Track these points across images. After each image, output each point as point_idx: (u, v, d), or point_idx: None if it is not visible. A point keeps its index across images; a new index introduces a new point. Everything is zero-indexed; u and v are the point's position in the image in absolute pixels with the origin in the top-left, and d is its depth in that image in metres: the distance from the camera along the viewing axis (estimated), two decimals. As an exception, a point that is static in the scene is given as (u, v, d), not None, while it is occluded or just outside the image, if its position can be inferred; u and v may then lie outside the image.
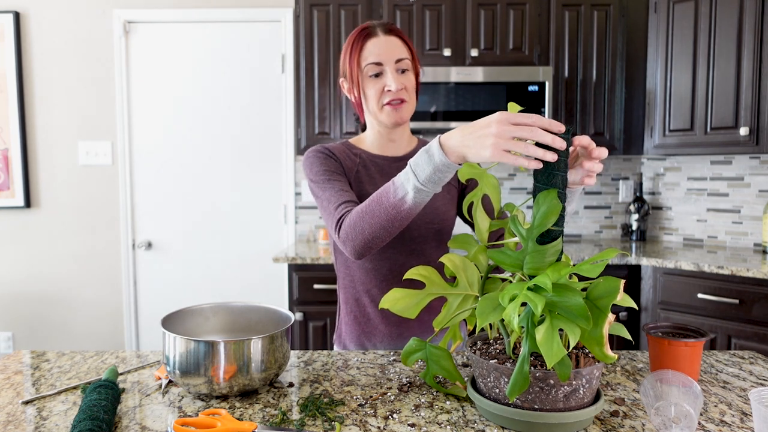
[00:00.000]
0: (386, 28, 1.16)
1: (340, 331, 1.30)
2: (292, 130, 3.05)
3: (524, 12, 2.70)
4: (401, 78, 1.16)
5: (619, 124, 2.77)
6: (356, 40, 1.16)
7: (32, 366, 1.07)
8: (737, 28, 2.40)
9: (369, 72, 1.16)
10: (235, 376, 0.88)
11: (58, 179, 3.08)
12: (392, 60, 1.14)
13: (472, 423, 0.81)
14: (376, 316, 1.23)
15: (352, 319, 1.26)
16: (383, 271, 1.21)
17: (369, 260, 1.21)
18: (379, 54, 1.14)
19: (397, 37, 1.16)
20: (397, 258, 1.20)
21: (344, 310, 1.28)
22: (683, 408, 0.75)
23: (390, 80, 1.14)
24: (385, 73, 1.15)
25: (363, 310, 1.24)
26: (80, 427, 0.74)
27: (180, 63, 3.04)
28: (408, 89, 1.16)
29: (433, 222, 1.20)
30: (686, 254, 2.53)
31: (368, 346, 1.25)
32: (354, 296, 1.25)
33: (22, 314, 3.15)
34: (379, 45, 1.14)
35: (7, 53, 3.00)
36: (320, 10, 2.72)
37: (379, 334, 1.23)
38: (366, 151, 1.25)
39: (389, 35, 1.16)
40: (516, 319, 0.72)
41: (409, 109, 1.18)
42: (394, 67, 1.15)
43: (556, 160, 0.79)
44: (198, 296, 3.13)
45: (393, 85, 1.13)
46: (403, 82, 1.15)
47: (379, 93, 1.16)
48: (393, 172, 1.23)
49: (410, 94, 1.17)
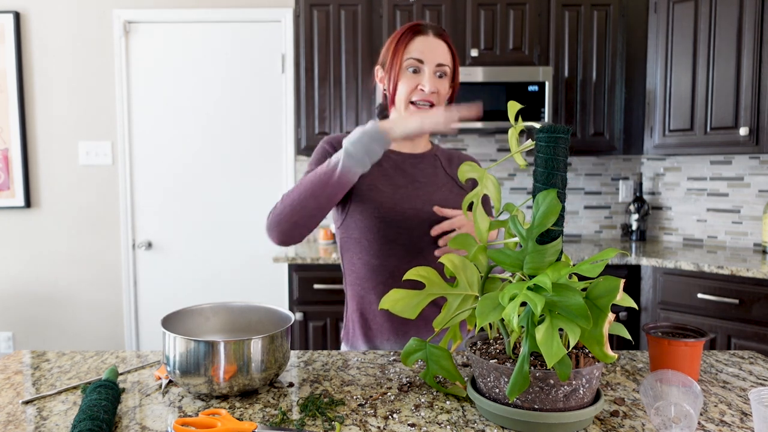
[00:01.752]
0: (438, 31, 1.18)
1: (348, 329, 1.30)
2: (292, 130, 3.05)
3: (524, 12, 2.70)
4: (437, 82, 1.17)
5: (619, 124, 2.77)
6: (406, 33, 1.18)
7: (32, 366, 1.07)
8: (737, 28, 2.41)
9: (408, 66, 1.17)
10: (235, 376, 0.88)
11: (58, 179, 3.08)
12: (434, 62, 1.16)
13: (472, 423, 0.81)
14: (381, 313, 1.23)
15: (359, 316, 1.26)
16: (389, 268, 1.21)
17: (375, 257, 1.21)
18: (422, 52, 1.16)
19: (444, 43, 1.18)
20: (404, 256, 1.20)
21: (351, 307, 1.28)
22: (683, 408, 0.75)
23: (426, 80, 1.16)
24: (423, 72, 1.16)
25: (369, 308, 1.24)
26: (80, 427, 0.74)
27: (180, 63, 3.04)
28: (440, 95, 1.18)
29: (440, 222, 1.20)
30: (686, 254, 2.53)
31: (376, 343, 1.25)
32: (360, 294, 1.25)
33: (22, 314, 3.15)
34: (426, 44, 1.16)
35: (7, 53, 3.00)
36: (320, 10, 2.72)
37: (385, 332, 1.24)
38: None
39: (439, 38, 1.17)
40: (516, 319, 0.72)
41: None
42: (433, 69, 1.16)
43: (556, 160, 0.80)
44: (198, 296, 3.13)
45: (427, 86, 1.15)
46: (438, 87, 1.17)
47: (410, 89, 1.17)
48: (407, 168, 1.24)
49: (441, 99, 1.18)
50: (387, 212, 1.18)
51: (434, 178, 1.25)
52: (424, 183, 1.23)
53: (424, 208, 1.20)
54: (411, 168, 1.24)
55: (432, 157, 1.28)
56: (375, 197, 1.19)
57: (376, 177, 1.22)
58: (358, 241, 1.22)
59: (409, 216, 1.19)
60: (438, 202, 1.21)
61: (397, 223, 1.19)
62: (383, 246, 1.20)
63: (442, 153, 1.31)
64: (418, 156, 1.26)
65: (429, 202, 1.20)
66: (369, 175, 1.21)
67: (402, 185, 1.21)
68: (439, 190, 1.23)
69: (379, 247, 1.20)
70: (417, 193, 1.21)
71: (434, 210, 1.12)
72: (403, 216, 1.19)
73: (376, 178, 1.21)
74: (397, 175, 1.23)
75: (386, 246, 1.20)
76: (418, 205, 1.20)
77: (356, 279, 1.25)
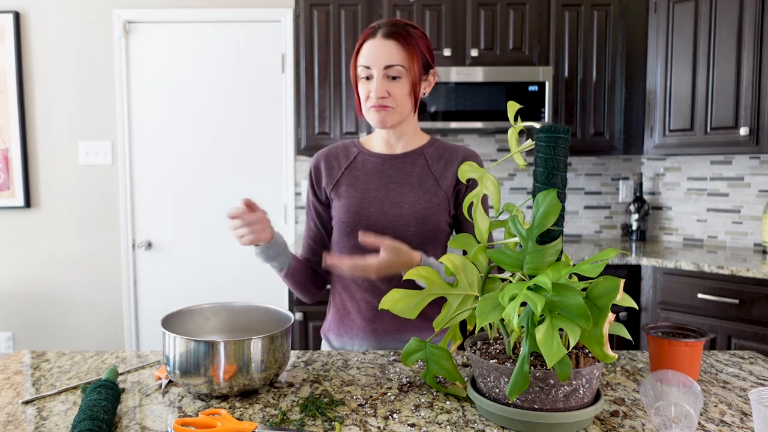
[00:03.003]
0: (388, 31, 1.15)
1: (326, 322, 1.35)
2: (292, 130, 3.05)
3: (524, 12, 2.70)
4: (388, 84, 1.15)
5: (619, 124, 2.77)
6: (360, 38, 1.18)
7: (32, 366, 1.07)
8: (737, 28, 2.40)
9: (361, 74, 1.18)
10: (235, 376, 0.88)
11: (58, 179, 3.08)
12: (381, 66, 1.14)
13: (472, 423, 0.81)
14: (354, 310, 1.26)
15: (335, 311, 1.31)
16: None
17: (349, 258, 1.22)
18: (368, 58, 1.15)
19: (395, 42, 1.14)
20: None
21: (331, 302, 1.34)
22: (683, 408, 0.75)
23: (373, 85, 1.15)
24: (373, 77, 1.16)
25: (344, 304, 1.28)
26: (80, 427, 0.74)
27: (180, 63, 3.04)
28: (395, 96, 1.15)
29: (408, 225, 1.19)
30: (686, 254, 2.53)
31: (346, 338, 1.28)
32: (338, 290, 1.30)
33: (22, 314, 3.15)
34: (372, 48, 1.15)
35: (7, 53, 3.00)
36: (320, 10, 2.72)
37: (356, 328, 1.26)
38: (366, 150, 1.28)
39: (387, 39, 1.14)
40: (516, 319, 0.72)
41: (395, 115, 1.18)
42: (382, 73, 1.14)
43: (556, 160, 0.80)
44: (198, 296, 3.13)
45: (374, 91, 1.15)
46: (389, 90, 1.15)
47: (365, 97, 1.18)
48: (385, 170, 1.24)
49: (397, 101, 1.16)
50: (353, 216, 1.21)
51: (410, 177, 1.23)
52: (399, 184, 1.22)
53: (391, 210, 1.20)
54: (388, 169, 1.24)
55: (415, 155, 1.25)
56: (344, 203, 1.23)
57: (351, 183, 1.24)
58: (337, 243, 1.28)
59: (374, 219, 1.20)
60: (408, 204, 1.20)
61: (364, 226, 1.20)
62: (354, 249, 1.23)
63: (434, 150, 1.26)
64: (399, 156, 1.25)
65: (397, 205, 1.21)
66: (345, 183, 1.25)
67: (373, 188, 1.22)
68: (412, 190, 1.21)
69: (350, 250, 1.24)
70: (387, 195, 1.22)
71: (360, 240, 1.11)
72: (369, 219, 1.20)
73: (351, 184, 1.24)
74: (371, 178, 1.24)
75: (357, 249, 1.23)
76: (385, 208, 1.21)
77: (336, 277, 1.31)
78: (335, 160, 1.28)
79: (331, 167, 1.27)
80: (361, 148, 1.28)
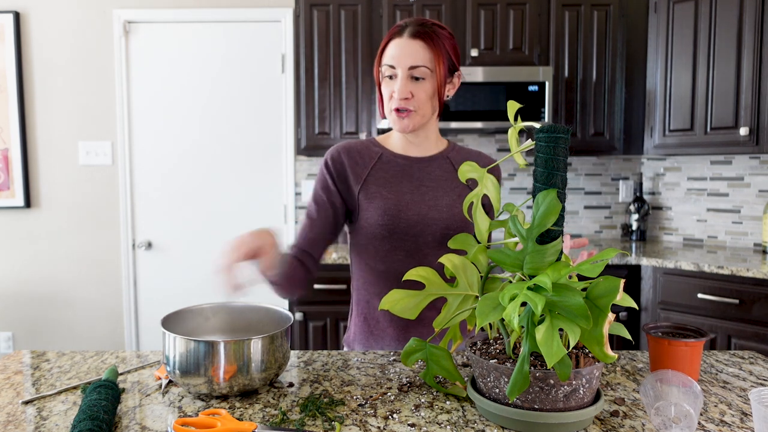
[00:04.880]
0: (415, 30, 1.13)
1: (350, 332, 1.30)
2: (292, 130, 3.05)
3: (524, 12, 2.70)
4: (412, 85, 1.13)
5: (619, 124, 2.77)
6: (386, 38, 1.16)
7: (32, 366, 1.07)
8: (737, 28, 2.40)
9: (385, 73, 1.15)
10: (235, 376, 0.88)
11: (58, 179, 3.08)
12: (405, 66, 1.12)
13: (472, 423, 0.81)
14: (384, 318, 1.22)
15: (362, 320, 1.26)
16: (395, 273, 1.20)
17: (381, 262, 1.20)
18: (394, 57, 1.13)
19: (422, 42, 1.12)
20: (409, 262, 1.19)
21: (356, 311, 1.28)
22: (683, 408, 0.75)
23: (397, 85, 1.13)
24: (397, 77, 1.13)
25: (372, 313, 1.24)
26: (80, 427, 0.74)
27: (180, 63, 3.04)
28: (417, 98, 1.13)
29: (449, 227, 1.18)
30: (686, 254, 2.53)
31: (376, 348, 1.24)
32: (365, 298, 1.25)
33: (22, 314, 3.15)
34: (398, 47, 1.13)
35: (7, 53, 3.00)
36: (320, 10, 2.72)
37: (386, 337, 1.23)
38: (389, 150, 1.24)
39: (414, 39, 1.12)
40: (516, 319, 0.72)
41: (417, 119, 1.15)
42: (406, 73, 1.12)
43: (556, 159, 0.79)
44: (198, 296, 3.13)
45: (398, 93, 1.12)
46: (413, 91, 1.13)
47: (388, 97, 1.15)
48: (415, 173, 1.21)
49: (419, 103, 1.14)
50: (390, 219, 1.17)
51: (442, 181, 1.21)
52: (432, 187, 1.20)
53: (429, 213, 1.18)
54: (418, 172, 1.21)
55: (443, 159, 1.24)
56: (379, 204, 1.18)
57: (381, 184, 1.20)
58: (365, 248, 1.22)
59: (413, 222, 1.17)
60: (445, 206, 1.19)
61: (402, 229, 1.17)
62: (388, 252, 1.19)
63: (456, 154, 1.26)
64: (427, 159, 1.23)
65: (435, 207, 1.18)
66: (374, 183, 1.20)
67: (407, 191, 1.19)
68: (447, 194, 1.20)
69: (384, 254, 1.20)
70: (423, 198, 1.19)
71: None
72: (407, 222, 1.17)
73: (382, 185, 1.20)
74: (403, 180, 1.20)
75: (391, 252, 1.19)
76: (423, 211, 1.18)
77: (363, 283, 1.24)
78: (359, 157, 1.22)
79: (356, 164, 1.22)
80: (383, 149, 1.24)
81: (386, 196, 1.19)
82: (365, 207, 1.19)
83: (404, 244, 1.18)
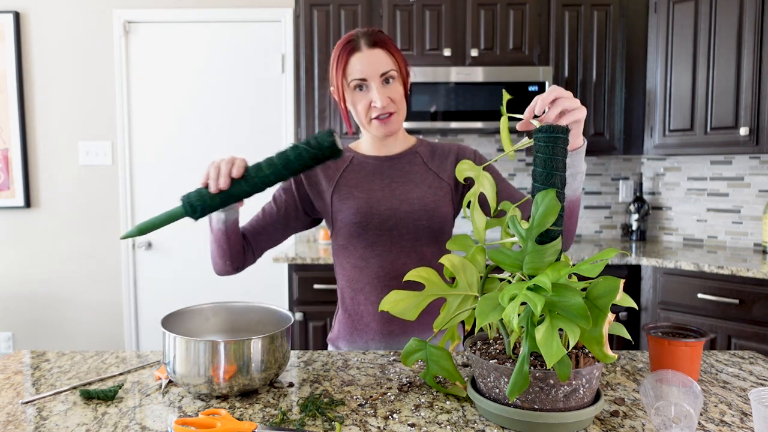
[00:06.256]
0: (371, 40, 1.15)
1: (334, 330, 1.33)
2: (292, 130, 3.05)
3: (524, 12, 2.70)
4: (387, 90, 1.16)
5: (619, 124, 2.77)
6: (341, 55, 1.16)
7: (32, 366, 1.07)
8: (737, 28, 2.40)
9: (355, 87, 1.16)
10: (235, 376, 0.88)
11: (58, 179, 3.08)
12: (377, 75, 1.14)
13: (472, 423, 0.81)
14: (368, 313, 1.24)
15: (347, 317, 1.28)
16: (374, 268, 1.22)
17: (361, 259, 1.23)
18: (362, 70, 1.14)
19: (381, 49, 1.15)
20: (387, 256, 1.22)
21: (341, 309, 1.31)
22: (683, 408, 0.75)
23: (375, 96, 1.14)
24: (370, 88, 1.15)
25: (357, 308, 1.26)
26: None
27: (180, 63, 3.04)
28: (395, 100, 1.17)
29: (420, 219, 1.21)
30: (686, 254, 2.53)
31: (359, 344, 1.26)
32: (350, 295, 1.27)
33: (22, 314, 3.15)
34: (362, 61, 1.14)
35: (7, 53, 3.00)
36: (320, 10, 2.72)
37: (370, 332, 1.25)
38: (360, 153, 1.28)
39: (373, 48, 1.14)
40: (516, 319, 0.72)
41: (398, 119, 1.19)
42: (379, 81, 1.14)
43: (555, 159, 0.79)
44: (198, 296, 3.13)
45: (378, 102, 1.14)
46: (389, 95, 1.16)
47: (366, 108, 1.17)
48: (385, 170, 1.25)
49: (398, 104, 1.17)
50: (363, 217, 1.20)
51: (411, 175, 1.25)
52: (402, 182, 1.24)
53: (401, 207, 1.21)
54: (388, 169, 1.25)
55: (411, 155, 1.27)
56: (351, 204, 1.22)
57: (353, 185, 1.24)
58: (345, 247, 1.26)
59: (385, 217, 1.20)
60: (416, 200, 1.22)
61: (376, 225, 1.20)
62: (366, 249, 1.22)
63: (424, 148, 1.30)
64: (395, 157, 1.27)
65: (406, 201, 1.21)
66: (346, 185, 1.23)
67: (378, 188, 1.23)
68: (417, 187, 1.23)
69: (362, 250, 1.23)
70: (393, 193, 1.22)
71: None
72: (380, 217, 1.20)
73: (354, 186, 1.23)
74: (374, 179, 1.24)
75: (369, 248, 1.22)
76: (395, 205, 1.21)
77: (347, 281, 1.27)
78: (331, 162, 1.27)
79: (328, 168, 1.26)
80: (354, 153, 1.29)
81: (358, 195, 1.22)
82: (339, 208, 1.23)
83: (380, 239, 1.21)
